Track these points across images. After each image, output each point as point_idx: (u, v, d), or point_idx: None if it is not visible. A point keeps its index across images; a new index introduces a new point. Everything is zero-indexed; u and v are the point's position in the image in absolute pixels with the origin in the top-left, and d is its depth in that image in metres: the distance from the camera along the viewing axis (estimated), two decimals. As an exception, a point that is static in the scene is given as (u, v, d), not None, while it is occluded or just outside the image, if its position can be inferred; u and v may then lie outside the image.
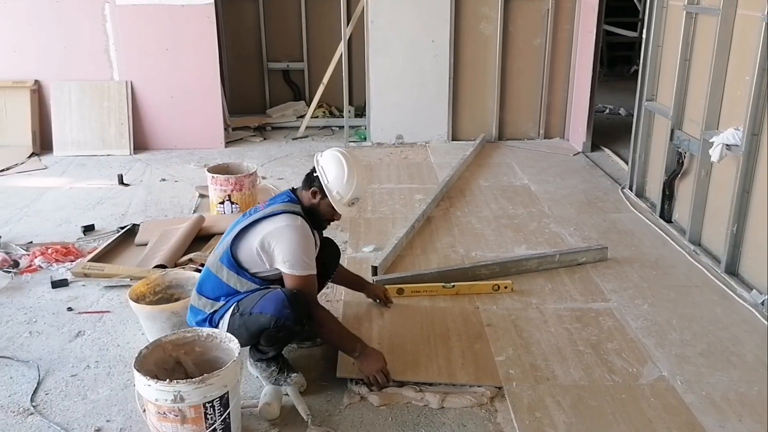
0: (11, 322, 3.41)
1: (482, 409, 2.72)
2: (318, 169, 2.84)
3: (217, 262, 2.80)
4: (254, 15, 7.74)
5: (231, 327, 2.73)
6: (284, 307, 2.64)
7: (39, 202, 5.12)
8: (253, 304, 2.70)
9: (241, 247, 2.76)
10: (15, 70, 6.39)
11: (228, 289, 2.77)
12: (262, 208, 2.83)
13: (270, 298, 2.68)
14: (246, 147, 6.79)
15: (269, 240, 2.70)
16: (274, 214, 2.74)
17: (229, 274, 2.76)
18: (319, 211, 2.86)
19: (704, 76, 4.07)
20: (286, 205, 2.79)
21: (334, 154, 2.86)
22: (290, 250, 2.68)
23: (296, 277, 2.70)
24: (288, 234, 2.69)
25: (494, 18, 6.51)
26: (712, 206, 4.10)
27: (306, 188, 2.86)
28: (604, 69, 10.00)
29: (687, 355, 3.08)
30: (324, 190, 2.80)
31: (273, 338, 2.73)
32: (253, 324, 2.69)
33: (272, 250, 2.70)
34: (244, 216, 2.88)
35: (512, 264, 3.90)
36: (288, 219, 2.72)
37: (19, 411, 2.72)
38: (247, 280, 2.76)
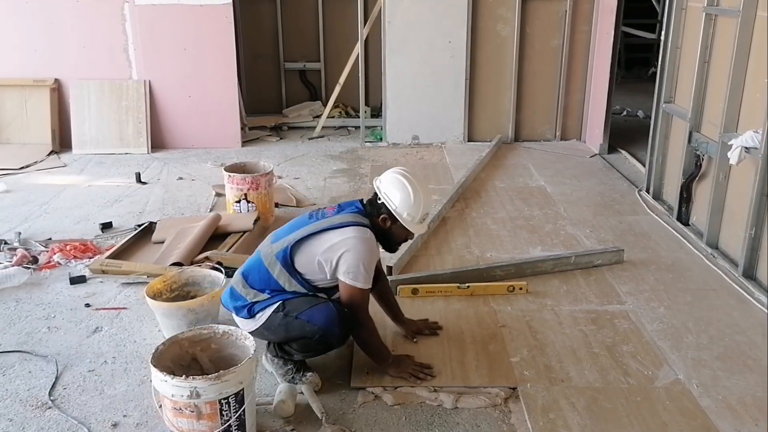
0: (30, 317, 3.46)
1: (496, 410, 2.71)
2: (381, 196, 2.79)
3: (272, 256, 2.76)
4: (272, 15, 7.78)
5: (270, 322, 2.74)
6: (333, 324, 2.69)
7: (58, 200, 5.18)
8: (301, 309, 2.71)
9: (301, 252, 2.73)
10: (35, 69, 6.47)
11: (276, 284, 2.76)
12: (330, 214, 2.79)
13: (322, 311, 2.70)
14: (262, 146, 6.82)
15: (335, 250, 2.68)
16: (343, 225, 2.72)
17: (281, 271, 2.74)
18: (392, 234, 2.85)
19: (723, 79, 4.03)
20: (356, 216, 2.77)
21: (394, 178, 2.82)
22: (355, 262, 2.67)
23: (355, 289, 2.70)
24: (356, 245, 2.68)
25: (511, 19, 6.49)
26: (730, 209, 4.06)
27: (375, 215, 2.81)
28: (621, 71, 9.93)
29: (703, 359, 3.06)
30: (393, 215, 2.78)
31: (309, 347, 2.77)
32: (296, 328, 2.71)
33: (337, 260, 2.68)
34: (310, 218, 2.82)
35: (527, 265, 3.89)
36: (357, 231, 2.71)
37: (38, 405, 2.75)
38: (297, 283, 2.75)
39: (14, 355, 3.11)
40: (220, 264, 3.72)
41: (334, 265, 2.70)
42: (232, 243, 4.17)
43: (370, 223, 2.79)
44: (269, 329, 2.77)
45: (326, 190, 5.45)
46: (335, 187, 5.51)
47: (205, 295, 3.22)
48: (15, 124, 6.52)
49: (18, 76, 6.45)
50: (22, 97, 6.48)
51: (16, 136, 6.51)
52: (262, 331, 2.80)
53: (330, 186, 5.55)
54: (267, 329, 2.77)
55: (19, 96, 6.48)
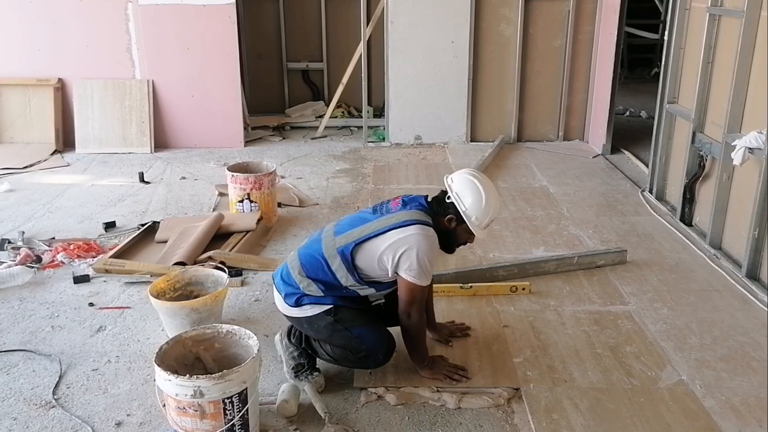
0: (34, 316, 3.46)
1: (499, 410, 2.71)
2: (453, 195, 2.75)
3: (334, 249, 2.72)
4: (274, 15, 7.78)
5: (317, 320, 2.74)
6: (380, 349, 2.76)
7: (61, 199, 5.19)
8: (354, 323, 2.74)
9: (363, 249, 2.70)
10: (39, 68, 6.47)
11: (332, 278, 2.73)
12: (395, 210, 2.75)
13: (374, 332, 2.77)
14: (265, 146, 6.82)
15: (398, 247, 2.65)
16: (407, 224, 2.68)
17: (340, 266, 2.71)
18: (455, 235, 2.81)
19: (727, 79, 4.03)
20: (419, 213, 2.73)
21: (468, 179, 2.77)
22: (418, 259, 2.65)
23: (416, 286, 2.70)
24: (419, 243, 2.65)
25: (514, 19, 6.49)
26: (733, 210, 4.06)
27: (441, 214, 2.77)
28: (624, 71, 9.92)
29: (707, 360, 3.06)
30: (462, 216, 2.73)
31: (345, 359, 2.81)
32: (342, 338, 2.74)
33: (399, 257, 2.66)
34: (375, 213, 2.78)
35: (530, 265, 3.89)
36: (421, 229, 2.68)
37: (42, 404, 2.76)
38: (354, 279, 2.72)
39: (18, 354, 3.12)
40: (223, 263, 3.73)
41: (396, 262, 2.67)
42: (235, 242, 4.18)
43: (434, 222, 2.75)
44: (312, 325, 2.76)
45: (329, 189, 5.46)
46: (338, 187, 5.51)
47: (209, 295, 3.22)
48: (18, 123, 6.52)
49: (22, 75, 6.46)
50: (26, 96, 6.49)
51: (20, 136, 6.52)
52: (303, 323, 2.79)
53: (332, 186, 5.56)
54: (309, 324, 2.77)
55: (23, 95, 6.49)
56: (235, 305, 3.58)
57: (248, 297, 3.67)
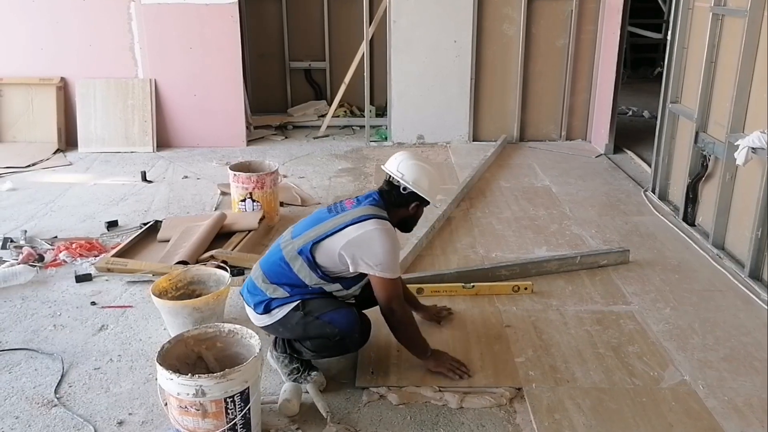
0: (36, 315, 3.47)
1: (501, 410, 2.71)
2: (410, 186, 2.81)
3: (294, 252, 2.75)
4: (277, 15, 7.79)
5: (288, 319, 2.76)
6: (354, 329, 2.74)
7: (64, 198, 5.20)
8: (323, 310, 2.74)
9: (322, 247, 2.72)
10: (42, 67, 6.48)
11: (296, 280, 2.76)
12: (349, 207, 2.80)
13: (344, 314, 2.74)
14: (267, 145, 6.83)
15: (357, 244, 2.68)
16: (363, 219, 2.72)
17: (302, 266, 2.74)
18: (415, 217, 2.95)
19: (730, 79, 4.02)
20: (374, 209, 2.77)
21: (415, 165, 2.85)
22: (382, 253, 2.68)
23: (386, 280, 2.72)
24: (379, 238, 2.69)
25: (517, 19, 6.49)
26: (736, 210, 4.05)
27: (403, 206, 2.86)
28: (627, 71, 9.91)
29: (709, 360, 3.05)
30: (426, 200, 2.88)
31: (324, 348, 2.79)
32: (315, 328, 2.73)
33: (360, 255, 2.68)
34: (330, 212, 2.82)
35: (532, 265, 3.89)
36: (377, 223, 2.72)
37: (44, 402, 2.76)
38: (318, 277, 2.75)
39: (20, 353, 3.12)
40: (225, 263, 3.73)
41: (357, 260, 2.69)
42: (237, 242, 4.18)
43: (389, 213, 2.82)
44: (285, 326, 2.78)
45: (331, 189, 5.46)
46: (340, 187, 5.51)
47: (211, 294, 3.22)
48: (21, 122, 6.53)
49: (24, 74, 6.47)
50: (29, 95, 6.50)
51: (23, 135, 6.53)
52: (277, 327, 2.81)
53: (335, 185, 5.56)
54: (283, 326, 2.78)
55: (26, 94, 6.50)
56: (237, 304, 3.57)
57: (250, 296, 3.67)
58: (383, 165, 2.97)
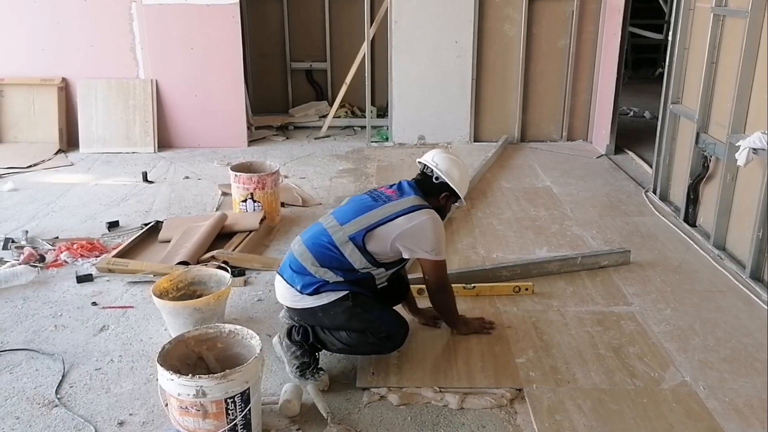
0: (37, 315, 3.47)
1: (502, 411, 2.71)
2: (443, 176, 2.99)
3: (346, 237, 2.85)
4: (278, 15, 7.79)
5: (334, 306, 2.83)
6: (400, 332, 2.94)
7: (65, 198, 5.20)
8: (372, 307, 2.90)
9: (375, 236, 2.85)
10: (43, 68, 6.49)
11: (346, 263, 2.86)
12: (394, 198, 2.95)
13: (394, 316, 2.99)
14: (268, 146, 6.83)
15: (412, 234, 2.86)
16: (414, 209, 2.89)
17: (354, 251, 2.84)
18: (445, 209, 3.11)
19: (731, 79, 4.02)
20: (418, 199, 2.95)
21: (449, 159, 3.06)
22: (435, 240, 2.91)
23: (439, 261, 2.98)
24: (432, 228, 2.90)
25: (518, 19, 6.49)
26: (737, 211, 4.05)
27: (435, 195, 3.02)
28: (628, 71, 9.91)
29: (710, 361, 3.05)
30: (456, 192, 3.03)
31: (362, 343, 2.89)
32: (362, 321, 2.85)
33: (416, 244, 2.88)
34: (376, 201, 2.95)
35: (533, 266, 3.89)
36: (429, 213, 2.92)
37: (45, 403, 2.77)
38: (367, 261, 2.86)
39: (21, 353, 3.12)
40: (226, 263, 3.73)
41: (414, 247, 2.88)
42: (239, 242, 4.18)
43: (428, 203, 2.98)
44: (328, 312, 2.83)
45: (332, 189, 5.46)
46: (341, 187, 5.51)
47: (212, 294, 3.22)
48: (22, 122, 6.54)
49: (26, 75, 6.48)
50: (30, 96, 6.51)
51: (24, 135, 6.54)
52: (317, 312, 2.85)
53: (336, 186, 5.56)
54: (325, 311, 2.83)
55: (27, 95, 6.50)
56: (238, 305, 3.58)
57: (251, 297, 3.67)
58: (418, 159, 3.13)
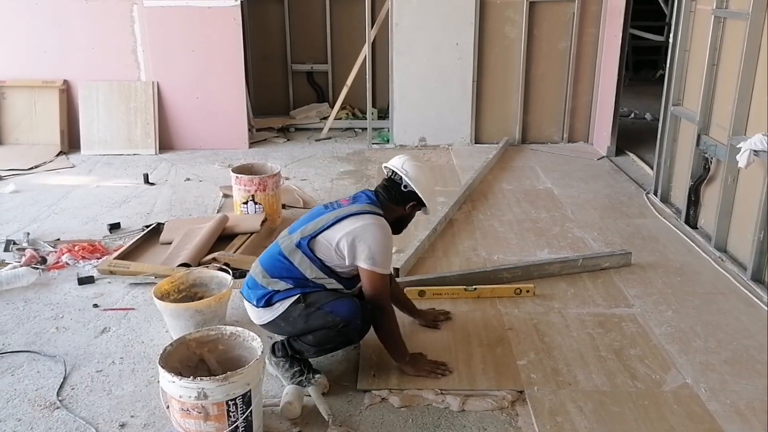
0: (39, 317, 3.47)
1: (503, 413, 2.71)
2: (411, 184, 2.88)
3: (293, 245, 2.82)
4: (279, 17, 7.80)
5: (289, 313, 2.79)
6: (357, 315, 2.75)
7: (66, 200, 5.21)
8: (325, 301, 2.78)
9: (319, 241, 2.80)
10: (44, 70, 6.50)
11: (296, 272, 2.81)
12: (346, 205, 2.88)
13: (345, 302, 2.78)
14: (270, 148, 6.83)
15: (354, 237, 2.75)
16: (359, 213, 2.80)
17: (302, 259, 2.80)
18: (408, 218, 3.01)
19: (732, 81, 4.02)
20: (371, 206, 2.86)
21: (417, 166, 2.95)
22: (375, 248, 2.75)
23: (376, 274, 2.78)
24: (374, 232, 2.76)
25: (519, 21, 6.49)
26: (738, 213, 4.05)
27: (400, 203, 2.92)
28: (629, 73, 9.91)
29: (711, 363, 3.05)
30: (422, 200, 2.92)
31: (327, 339, 2.79)
32: (317, 319, 2.75)
33: (356, 247, 2.75)
34: (327, 209, 2.90)
35: (535, 268, 3.89)
36: (374, 219, 2.80)
37: (46, 405, 2.77)
38: (318, 268, 2.81)
39: (23, 355, 3.13)
40: (227, 265, 3.73)
41: (353, 252, 2.75)
42: (240, 244, 4.18)
43: (385, 211, 2.88)
44: (287, 320, 2.80)
45: (333, 191, 5.46)
46: (342, 189, 5.51)
47: (213, 296, 3.23)
48: (24, 124, 6.55)
49: (27, 77, 6.49)
50: (32, 97, 6.52)
51: (25, 137, 6.55)
52: (279, 323, 2.83)
53: (337, 187, 5.56)
54: (284, 320, 2.80)
55: (29, 97, 6.51)
56: (240, 307, 3.56)
57: (252, 299, 3.67)
58: (385, 164, 3.01)
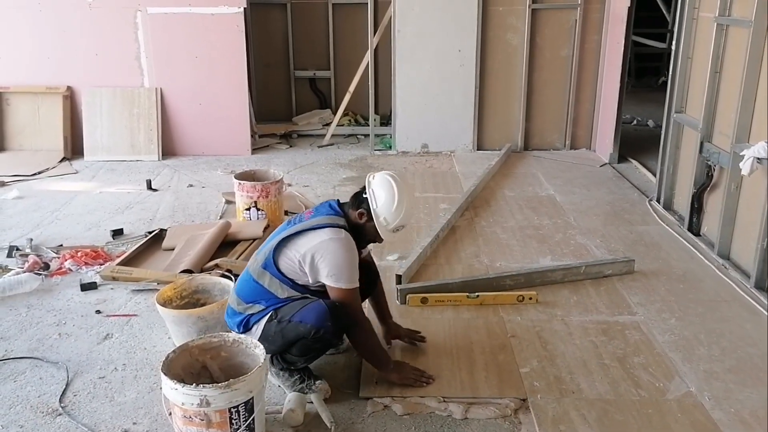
0: (41, 323, 3.47)
1: (506, 421, 2.70)
2: (368, 192, 2.81)
3: (259, 268, 2.80)
4: (282, 24, 7.82)
5: (266, 332, 2.75)
6: (326, 319, 2.67)
7: (69, 206, 5.21)
8: (293, 312, 2.72)
9: (282, 257, 2.76)
10: (48, 76, 6.51)
11: (268, 294, 2.78)
12: (307, 218, 2.81)
13: (312, 308, 2.70)
14: (272, 154, 6.84)
15: (313, 254, 2.68)
16: (319, 227, 2.73)
17: (272, 280, 2.77)
18: (363, 231, 2.84)
19: (735, 89, 4.02)
20: (331, 218, 2.77)
21: (386, 180, 2.83)
22: (335, 263, 2.67)
23: (341, 290, 2.71)
24: (333, 248, 2.68)
25: (521, 28, 6.50)
26: (741, 220, 4.04)
27: (354, 207, 2.84)
28: (631, 80, 9.91)
29: (715, 371, 3.04)
30: (372, 213, 2.78)
31: (308, 348, 2.76)
32: (290, 332, 2.71)
33: (316, 265, 2.69)
34: (288, 224, 2.86)
35: (537, 275, 3.88)
36: (332, 233, 2.71)
37: (48, 411, 2.77)
38: (289, 288, 2.76)
39: (25, 362, 3.12)
40: (229, 271, 3.73)
41: (314, 270, 2.71)
42: (242, 250, 4.18)
43: (346, 219, 2.80)
44: (267, 340, 2.76)
45: (335, 197, 5.42)
46: (344, 195, 5.47)
47: (215, 303, 3.22)
48: (27, 130, 6.56)
49: (31, 83, 6.51)
50: (35, 104, 6.53)
51: (29, 143, 6.56)
52: (262, 343, 2.79)
53: (339, 194, 5.56)
54: (265, 340, 2.76)
55: (32, 103, 6.53)
56: (242, 313, 3.58)
57: (255, 305, 3.67)
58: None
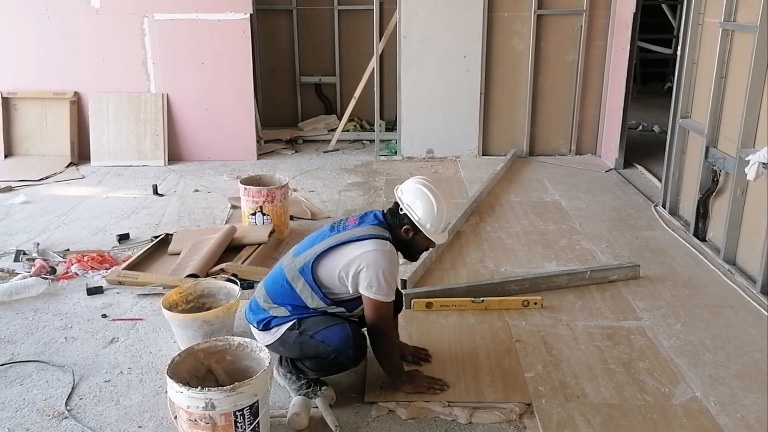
0: (48, 327, 3.49)
1: (511, 426, 2.70)
2: (404, 207, 2.75)
3: (295, 271, 2.75)
4: (288, 30, 7.85)
5: (285, 339, 2.75)
6: (348, 345, 2.68)
7: (76, 211, 5.24)
8: (317, 329, 2.71)
9: (323, 266, 2.72)
10: (56, 82, 6.56)
11: (298, 299, 2.75)
12: (352, 226, 2.77)
13: (337, 332, 2.69)
14: (278, 159, 6.86)
15: (356, 264, 2.65)
16: (363, 238, 2.69)
17: (305, 287, 2.73)
18: (414, 244, 2.82)
19: (740, 94, 4.02)
20: (376, 228, 2.73)
21: (416, 188, 2.78)
22: (376, 275, 2.64)
23: (378, 302, 2.68)
24: (376, 259, 2.64)
25: (526, 34, 6.51)
26: (747, 225, 4.03)
27: (397, 227, 2.77)
28: (637, 85, 9.91)
29: (721, 376, 3.03)
30: (417, 226, 2.74)
31: (322, 366, 2.77)
32: (310, 347, 2.71)
33: (358, 275, 2.66)
34: (332, 230, 2.80)
35: (542, 280, 3.88)
36: (377, 244, 2.67)
37: (54, 414, 2.78)
38: (319, 299, 2.73)
39: (32, 365, 3.14)
40: (235, 276, 3.74)
41: (355, 280, 2.67)
42: (248, 255, 4.19)
43: (391, 234, 2.76)
44: (284, 345, 2.77)
45: (341, 203, 5.47)
46: (350, 201, 5.53)
47: (221, 307, 3.24)
48: (35, 135, 6.60)
49: (38, 88, 6.55)
50: (42, 109, 6.58)
51: (36, 148, 6.60)
52: (277, 347, 2.81)
53: (345, 199, 5.57)
54: (282, 345, 2.78)
55: (39, 108, 6.57)
56: (247, 318, 3.58)
57: (260, 309, 3.67)
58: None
